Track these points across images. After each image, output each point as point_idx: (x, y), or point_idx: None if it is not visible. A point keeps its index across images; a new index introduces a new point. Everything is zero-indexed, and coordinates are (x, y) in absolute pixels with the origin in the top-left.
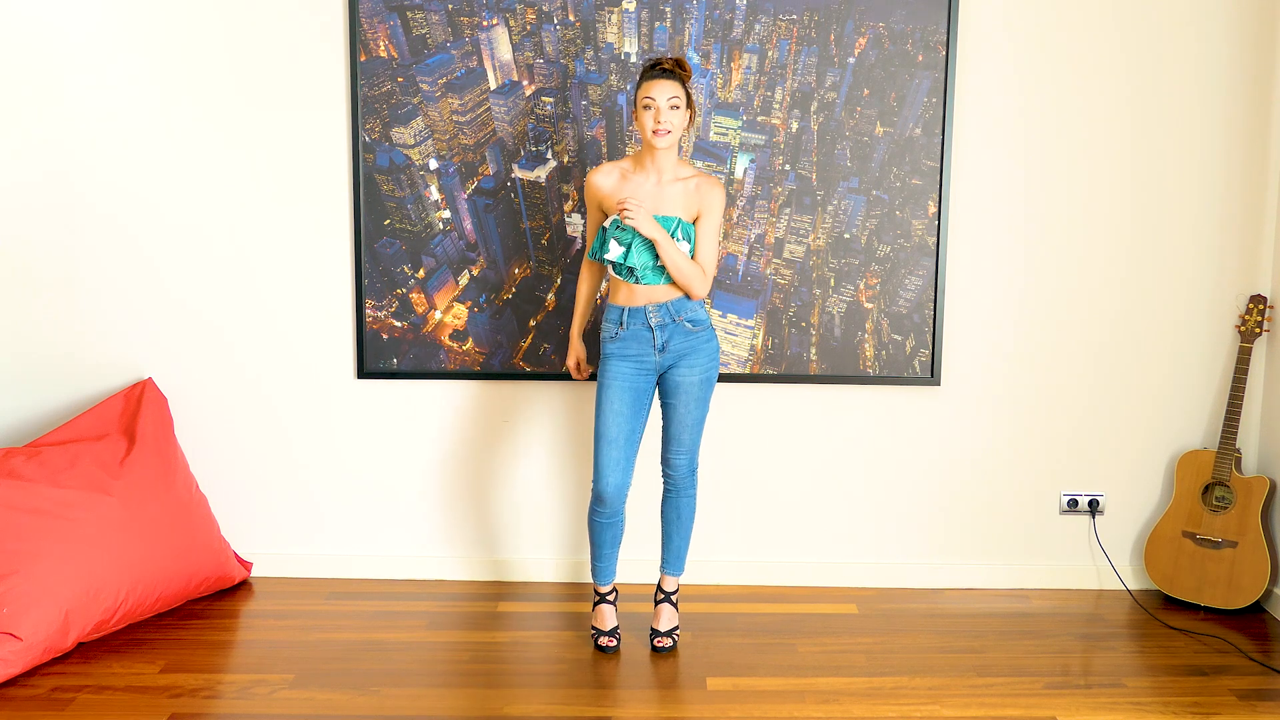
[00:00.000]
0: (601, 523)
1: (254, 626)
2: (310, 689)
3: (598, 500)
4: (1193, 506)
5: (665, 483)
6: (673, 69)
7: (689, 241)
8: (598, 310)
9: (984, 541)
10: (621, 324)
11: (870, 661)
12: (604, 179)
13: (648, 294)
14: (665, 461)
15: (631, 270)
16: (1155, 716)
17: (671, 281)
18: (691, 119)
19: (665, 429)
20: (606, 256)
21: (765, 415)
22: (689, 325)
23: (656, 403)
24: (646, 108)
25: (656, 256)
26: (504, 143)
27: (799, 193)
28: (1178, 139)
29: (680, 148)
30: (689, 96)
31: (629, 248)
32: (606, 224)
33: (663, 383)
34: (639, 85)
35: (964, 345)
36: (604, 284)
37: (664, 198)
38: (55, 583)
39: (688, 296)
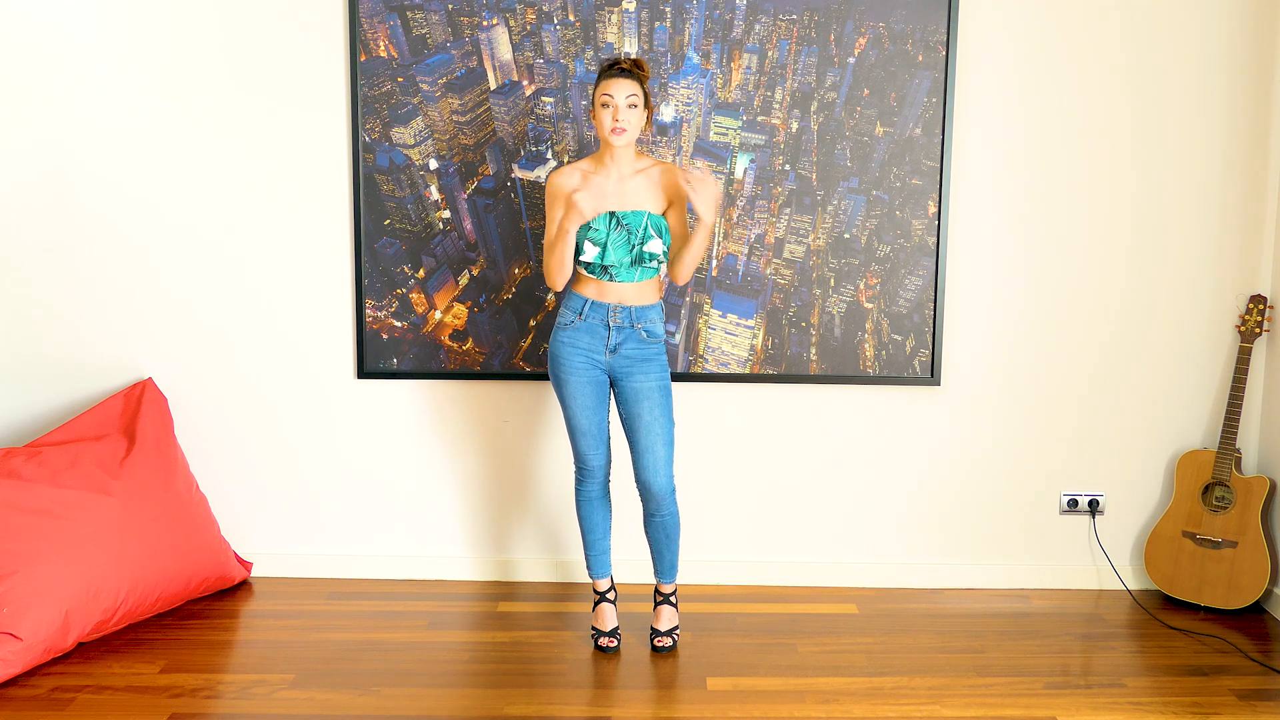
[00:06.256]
0: (592, 496)
1: (254, 626)
2: (310, 689)
3: (585, 472)
4: (1193, 506)
5: (647, 507)
6: (630, 69)
7: (660, 237)
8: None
9: (984, 541)
10: (581, 314)
11: (870, 661)
12: (566, 180)
13: (619, 293)
14: (643, 484)
15: (606, 269)
16: (1155, 716)
17: (643, 281)
18: (649, 118)
19: (637, 444)
20: (582, 258)
21: (765, 415)
22: (644, 334)
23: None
24: (605, 105)
25: (630, 252)
26: (504, 143)
27: (799, 193)
28: (1178, 139)
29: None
30: (647, 96)
31: (604, 247)
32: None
33: (623, 393)
34: (597, 84)
35: (964, 345)
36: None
37: (626, 192)
38: (55, 583)
39: (652, 305)
